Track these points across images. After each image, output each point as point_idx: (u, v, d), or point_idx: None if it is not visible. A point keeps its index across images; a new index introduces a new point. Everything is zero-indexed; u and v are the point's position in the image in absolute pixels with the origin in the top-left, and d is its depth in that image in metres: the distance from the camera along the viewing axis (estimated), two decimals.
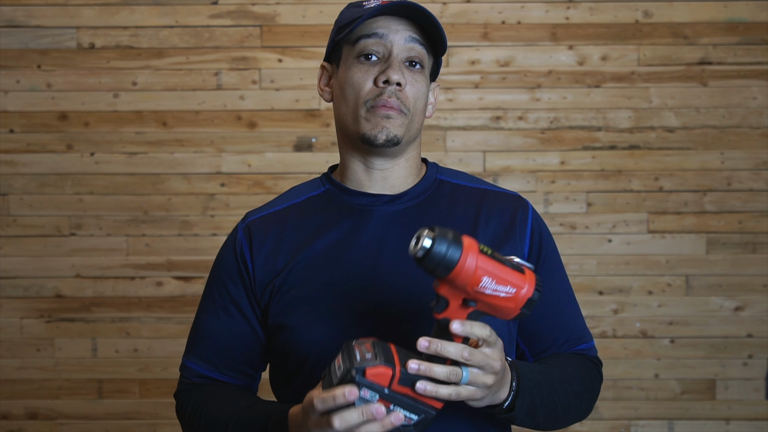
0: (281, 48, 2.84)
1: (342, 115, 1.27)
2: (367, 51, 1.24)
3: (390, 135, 1.23)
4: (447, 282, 0.99)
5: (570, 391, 1.23)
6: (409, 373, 1.00)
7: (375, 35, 1.24)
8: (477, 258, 0.97)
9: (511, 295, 0.99)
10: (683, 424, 2.84)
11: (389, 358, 1.01)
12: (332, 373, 1.02)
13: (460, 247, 0.97)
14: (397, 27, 1.24)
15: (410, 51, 1.24)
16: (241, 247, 1.29)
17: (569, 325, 1.32)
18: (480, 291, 0.98)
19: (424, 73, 1.27)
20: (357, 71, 1.24)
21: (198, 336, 1.34)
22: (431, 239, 0.97)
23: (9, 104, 2.83)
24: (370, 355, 1.01)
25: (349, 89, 1.25)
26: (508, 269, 0.99)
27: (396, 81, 1.21)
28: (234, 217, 2.81)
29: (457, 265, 0.96)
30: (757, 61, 2.83)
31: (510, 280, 0.99)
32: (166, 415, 2.83)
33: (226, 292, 1.30)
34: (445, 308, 1.01)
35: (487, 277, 0.98)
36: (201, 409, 1.28)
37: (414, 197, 1.29)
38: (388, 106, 1.22)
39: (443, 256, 0.96)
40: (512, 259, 1.02)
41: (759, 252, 2.83)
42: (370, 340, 1.05)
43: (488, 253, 0.99)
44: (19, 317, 2.83)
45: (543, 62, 2.84)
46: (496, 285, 0.98)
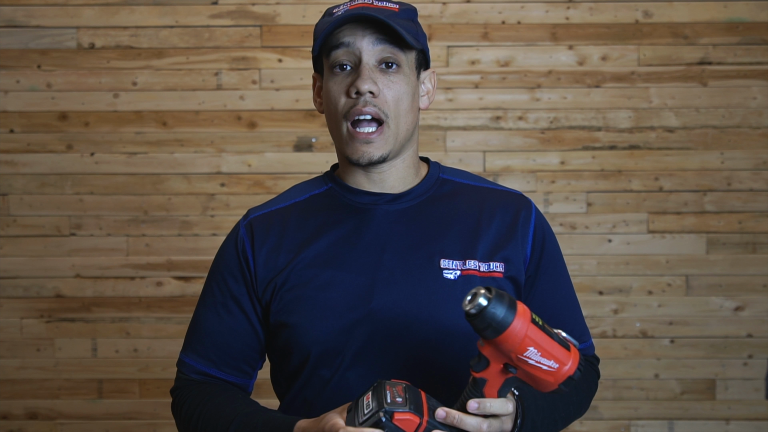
0: (281, 48, 2.84)
1: (330, 128, 1.29)
2: (338, 62, 1.24)
3: (373, 158, 1.23)
4: (493, 344, 0.98)
5: (570, 403, 1.24)
6: (433, 422, 1.00)
7: (342, 45, 1.23)
8: (528, 327, 0.97)
9: (553, 370, 0.99)
10: (683, 424, 2.84)
11: (419, 407, 1.01)
12: (359, 408, 1.02)
13: (513, 312, 0.97)
14: (363, 32, 1.22)
15: (381, 53, 1.23)
16: (243, 243, 1.29)
17: (570, 325, 1.33)
18: (523, 359, 0.98)
19: (402, 71, 1.24)
20: (332, 84, 1.25)
21: (196, 332, 1.33)
22: (487, 299, 0.96)
23: (9, 104, 2.83)
24: (400, 399, 1.01)
25: (328, 102, 1.26)
26: (555, 344, 0.99)
27: (366, 90, 1.21)
28: (234, 217, 2.81)
29: (507, 329, 0.96)
30: (757, 61, 2.83)
31: (555, 355, 0.99)
32: (166, 415, 2.83)
33: (227, 289, 1.30)
34: (485, 368, 1.01)
35: (533, 347, 0.97)
36: (200, 409, 1.26)
37: (416, 196, 1.29)
38: (364, 132, 1.21)
39: (496, 318, 0.96)
40: (560, 333, 1.02)
41: (759, 252, 2.83)
42: (403, 384, 1.04)
43: (539, 323, 0.99)
44: (19, 317, 2.83)
45: (543, 62, 2.84)
46: (540, 357, 0.98)
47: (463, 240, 1.25)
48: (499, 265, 1.24)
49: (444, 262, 1.23)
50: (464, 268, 1.23)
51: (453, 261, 1.23)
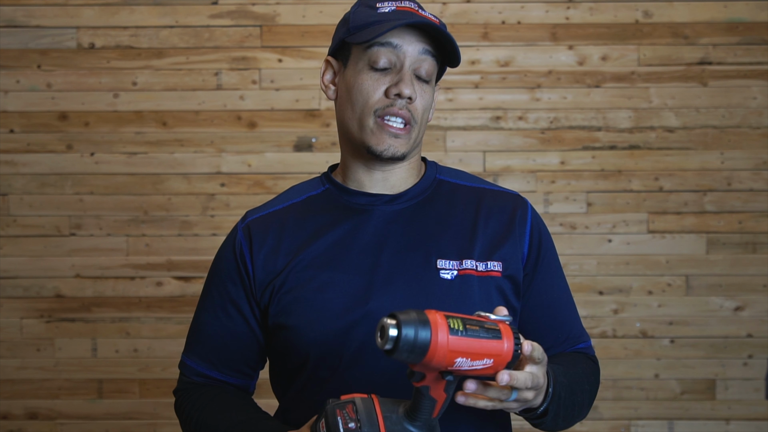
0: (281, 48, 2.84)
1: (347, 119, 1.26)
2: (378, 60, 1.22)
3: (396, 153, 1.24)
4: (420, 366, 0.95)
5: (583, 391, 1.24)
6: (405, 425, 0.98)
7: (389, 45, 1.22)
8: (447, 339, 0.91)
9: (490, 365, 0.95)
10: (683, 424, 2.84)
11: (374, 423, 0.99)
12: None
13: (428, 327, 0.91)
14: (411, 38, 1.23)
15: (422, 63, 1.24)
16: (240, 247, 1.29)
17: (568, 324, 1.33)
18: (456, 369, 0.94)
19: (432, 85, 1.27)
20: (367, 78, 1.23)
21: (197, 334, 1.34)
22: (396, 327, 0.91)
23: (9, 104, 2.83)
24: (353, 424, 0.98)
25: (357, 95, 1.24)
26: (482, 341, 0.94)
27: (408, 95, 1.21)
28: (234, 217, 2.81)
29: (429, 351, 0.91)
30: (757, 61, 2.83)
31: (486, 353, 0.94)
32: (166, 415, 2.83)
33: (225, 292, 1.30)
34: (421, 379, 0.98)
35: (460, 357, 0.93)
36: (198, 414, 1.28)
37: (413, 197, 1.29)
38: (395, 126, 1.22)
39: (413, 342, 0.91)
40: (487, 319, 0.97)
41: (759, 252, 2.83)
42: (351, 400, 1.02)
43: (459, 329, 0.93)
44: (19, 317, 2.83)
45: (543, 62, 2.84)
46: (471, 362, 0.94)
47: (460, 240, 1.25)
48: (497, 264, 1.24)
49: (441, 262, 1.23)
50: (461, 267, 1.23)
51: (450, 261, 1.23)
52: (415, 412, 1.01)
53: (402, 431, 1.00)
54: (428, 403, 1.00)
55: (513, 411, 1.07)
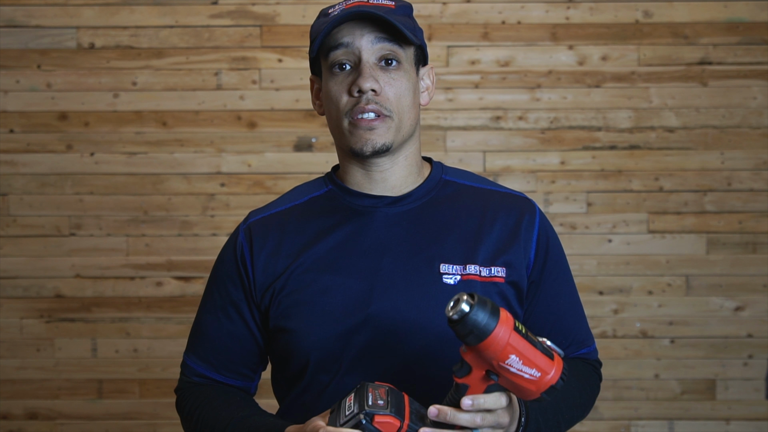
0: (281, 48, 2.84)
1: (331, 129, 1.28)
2: (338, 62, 1.23)
3: (377, 146, 1.22)
4: (475, 350, 0.98)
5: (573, 406, 1.24)
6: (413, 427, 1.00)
7: (341, 45, 1.22)
8: (510, 334, 0.96)
9: (535, 379, 0.98)
10: (683, 424, 2.84)
11: (400, 410, 1.01)
12: (341, 409, 1.03)
13: (496, 319, 0.96)
14: (361, 31, 1.22)
15: (380, 51, 1.22)
16: (241, 249, 1.28)
17: (573, 330, 1.32)
18: (505, 367, 0.97)
19: (403, 68, 1.24)
20: (333, 84, 1.24)
21: (198, 335, 1.34)
22: (470, 305, 0.96)
23: (9, 104, 2.83)
24: (382, 402, 1.01)
25: (329, 103, 1.25)
26: (538, 352, 0.98)
27: (369, 89, 1.20)
28: (234, 217, 2.81)
29: (489, 336, 0.95)
30: (757, 61, 2.83)
31: (537, 364, 0.98)
32: (166, 415, 2.83)
33: (226, 294, 1.30)
34: (467, 374, 1.01)
35: (515, 355, 0.97)
36: (198, 412, 1.28)
37: (417, 199, 1.28)
38: (366, 119, 1.21)
39: (478, 325, 0.95)
40: (544, 342, 1.01)
41: (759, 252, 2.83)
42: (386, 387, 1.04)
43: (522, 331, 0.98)
44: (19, 317, 2.83)
45: (543, 62, 2.84)
46: (522, 365, 0.97)
47: (464, 244, 1.24)
48: (501, 270, 1.23)
49: (444, 267, 1.22)
50: (465, 273, 1.22)
51: (453, 266, 1.22)
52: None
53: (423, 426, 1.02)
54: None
55: None
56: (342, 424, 1.00)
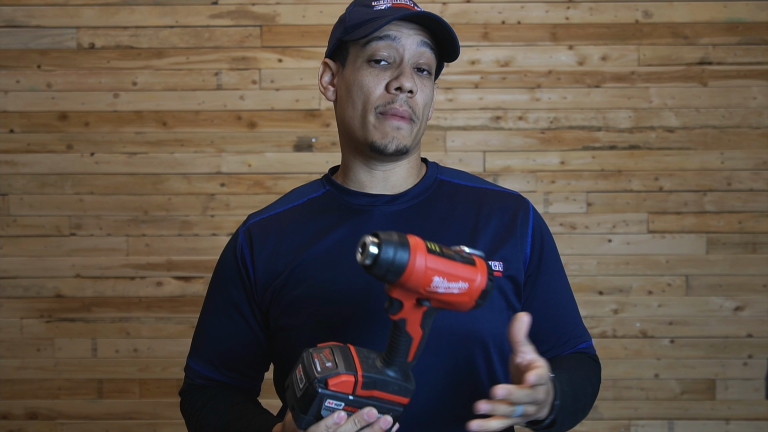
0: (281, 48, 2.84)
1: (348, 118, 1.25)
2: (378, 54, 1.22)
3: (400, 146, 1.22)
4: (398, 285, 0.97)
5: (587, 395, 1.25)
6: (368, 375, 0.99)
7: (387, 38, 1.21)
8: (426, 258, 0.95)
9: (465, 290, 0.98)
10: (683, 424, 2.84)
11: (350, 364, 1.00)
12: (294, 384, 1.01)
13: (407, 249, 0.95)
14: (409, 31, 1.22)
15: (421, 56, 1.23)
16: (242, 250, 1.29)
17: (570, 325, 1.33)
18: (432, 291, 0.96)
19: (431, 79, 1.26)
20: (367, 75, 1.22)
21: (200, 337, 1.35)
22: (377, 245, 0.94)
23: (9, 104, 2.83)
24: (330, 363, 1.00)
25: (357, 92, 1.23)
26: (459, 264, 0.97)
27: (409, 89, 1.20)
28: (234, 217, 2.81)
29: (407, 268, 0.94)
30: (757, 61, 2.83)
31: (462, 275, 0.97)
32: (166, 415, 2.83)
33: (228, 295, 1.31)
34: (399, 309, 1.00)
35: (437, 276, 0.95)
36: (200, 414, 1.30)
37: (414, 197, 1.29)
38: (399, 115, 1.21)
39: (392, 261, 0.94)
40: (462, 251, 1.00)
41: (759, 252, 2.83)
42: (327, 346, 1.03)
43: (436, 251, 0.97)
44: (19, 317, 2.83)
45: (543, 62, 2.84)
46: (448, 283, 0.96)
47: (460, 240, 1.24)
48: (498, 264, 1.24)
49: None
50: None
51: None
52: (390, 353, 1.02)
53: (378, 372, 1.01)
54: (404, 340, 1.01)
55: (519, 424, 1.07)
56: (299, 398, 0.99)
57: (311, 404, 0.98)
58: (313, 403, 0.98)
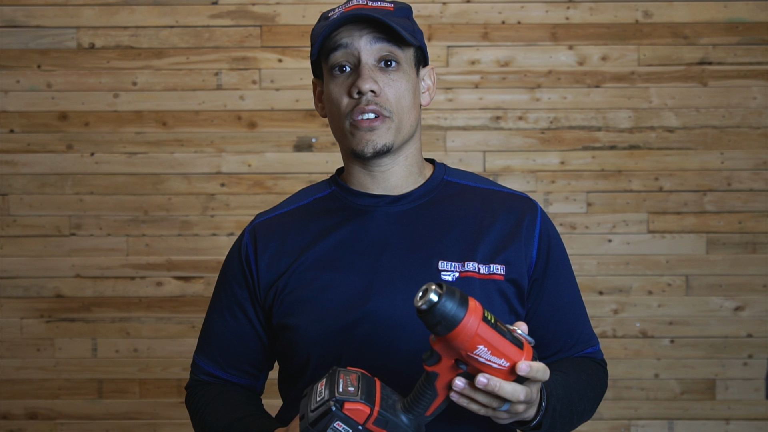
0: (281, 48, 2.84)
1: (333, 131, 1.29)
2: (337, 64, 1.24)
3: (377, 146, 1.23)
4: (443, 340, 0.97)
5: (584, 398, 1.24)
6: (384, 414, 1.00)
7: (341, 46, 1.23)
8: (478, 324, 0.95)
9: (504, 369, 0.98)
10: (683, 424, 2.84)
11: (371, 397, 1.01)
12: (313, 395, 1.03)
13: (465, 308, 0.95)
14: (360, 32, 1.23)
15: (379, 52, 1.23)
16: (246, 250, 1.31)
17: (578, 329, 1.33)
18: (473, 357, 0.97)
19: (402, 68, 1.25)
20: (333, 86, 1.25)
21: (206, 334, 1.37)
22: (438, 295, 0.95)
23: (9, 104, 2.83)
24: (353, 388, 1.01)
25: (330, 105, 1.26)
26: (507, 342, 0.97)
27: (368, 90, 1.21)
28: (234, 217, 2.82)
29: (458, 326, 0.95)
30: (757, 61, 2.83)
31: (505, 354, 0.97)
32: (166, 415, 2.83)
33: (232, 294, 1.32)
34: (436, 363, 1.00)
35: (483, 345, 0.96)
36: (202, 410, 1.32)
37: (417, 198, 1.29)
38: (367, 119, 1.21)
39: (446, 315, 0.94)
40: (514, 331, 1.00)
41: (759, 252, 2.83)
42: (358, 373, 1.04)
43: (491, 321, 0.97)
44: (19, 317, 2.83)
45: (543, 62, 2.84)
46: (490, 355, 0.96)
47: (463, 242, 1.24)
48: (500, 267, 1.23)
49: (442, 264, 1.22)
50: (463, 270, 1.22)
51: (451, 263, 1.22)
52: (412, 402, 1.02)
53: (393, 415, 1.01)
54: (430, 394, 1.01)
55: (503, 422, 1.07)
56: (312, 410, 1.00)
57: (321, 420, 0.99)
58: (324, 419, 0.99)
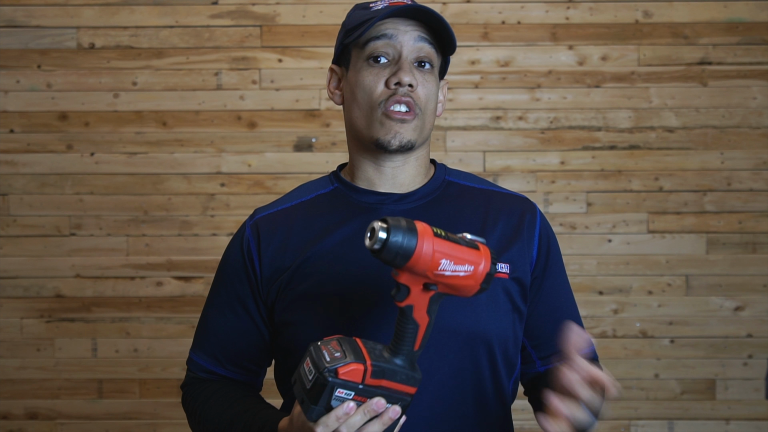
0: (281, 48, 2.84)
1: (354, 119, 1.27)
2: (377, 53, 1.24)
3: (404, 141, 1.24)
4: (406, 270, 0.99)
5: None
6: (377, 364, 1.00)
7: (384, 36, 1.23)
8: (433, 242, 0.97)
9: (470, 273, 1.00)
10: (683, 424, 2.84)
11: (358, 354, 1.01)
12: (303, 377, 1.02)
13: (415, 234, 0.96)
14: (405, 28, 1.24)
15: (419, 51, 1.25)
16: (248, 244, 1.29)
17: None
18: (440, 274, 0.98)
19: (434, 73, 1.27)
20: (368, 74, 1.24)
21: (203, 331, 1.36)
22: (386, 230, 0.96)
23: (9, 104, 2.83)
24: (338, 353, 1.01)
25: (360, 92, 1.25)
26: (464, 248, 0.99)
27: (408, 83, 1.22)
28: (234, 217, 2.81)
29: (415, 252, 0.96)
30: (757, 61, 2.83)
31: (467, 259, 0.99)
32: (166, 415, 2.83)
33: (232, 290, 1.31)
34: (406, 296, 1.01)
35: (445, 259, 0.97)
36: (201, 407, 1.30)
37: (422, 197, 1.29)
38: (401, 111, 1.22)
39: (400, 246, 0.96)
40: (465, 236, 1.02)
41: (759, 252, 2.83)
42: (335, 338, 1.04)
43: (442, 235, 0.99)
44: (19, 317, 2.83)
45: (543, 62, 2.84)
46: (454, 266, 0.98)
47: None
48: (505, 266, 1.25)
49: None
50: None
51: None
52: (397, 342, 1.03)
53: (385, 362, 1.02)
54: (411, 327, 1.02)
55: None
56: (309, 390, 1.00)
57: (322, 394, 0.99)
58: (324, 392, 0.99)
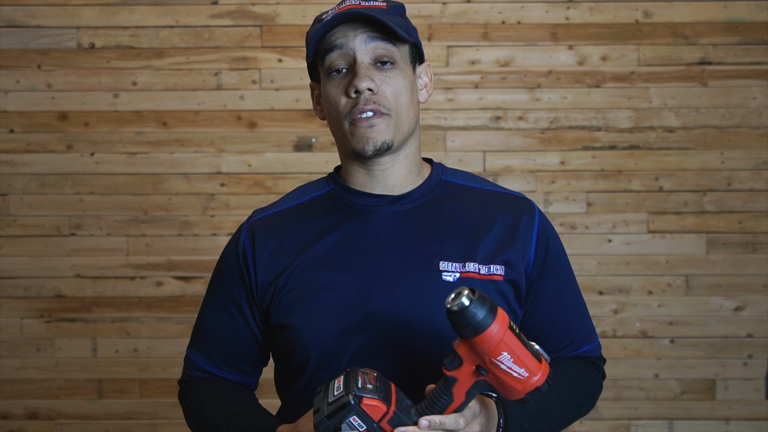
0: (281, 48, 2.84)
1: (333, 132, 1.29)
2: (333, 66, 1.24)
3: (378, 143, 1.22)
4: (469, 344, 1.00)
5: (566, 407, 1.25)
6: (399, 414, 1.02)
7: (336, 48, 1.23)
8: (505, 331, 0.99)
9: (523, 378, 1.00)
10: (683, 424, 2.84)
11: (388, 397, 1.03)
12: (329, 390, 1.04)
13: (493, 316, 0.98)
14: (354, 32, 1.23)
15: (374, 51, 1.23)
16: (243, 247, 1.30)
17: (574, 328, 1.33)
18: (496, 363, 0.99)
19: (398, 66, 1.25)
20: (330, 87, 1.24)
21: (200, 330, 1.36)
22: (470, 299, 0.98)
23: (9, 104, 2.83)
24: (371, 386, 1.03)
25: (329, 107, 1.26)
26: (528, 353, 1.01)
27: (365, 88, 1.20)
28: (234, 217, 2.82)
29: (486, 331, 0.98)
30: (757, 61, 2.83)
31: (526, 364, 1.00)
32: (166, 415, 2.83)
33: (228, 291, 1.31)
34: (457, 367, 1.02)
35: (507, 352, 0.99)
36: (198, 406, 1.31)
37: (417, 198, 1.29)
38: (365, 117, 1.21)
39: (476, 319, 0.98)
40: (534, 345, 1.03)
41: (759, 252, 2.83)
42: (375, 373, 1.06)
43: (515, 331, 1.00)
44: (19, 317, 2.83)
45: (543, 62, 2.84)
46: (512, 363, 0.99)
47: (463, 242, 1.25)
48: (500, 268, 1.24)
49: (443, 264, 1.22)
50: (464, 270, 1.22)
51: (452, 263, 1.23)
52: (428, 405, 1.04)
53: (408, 417, 1.03)
54: (445, 399, 1.03)
55: None
56: (329, 404, 1.02)
57: (338, 413, 1.01)
58: (341, 412, 1.01)
